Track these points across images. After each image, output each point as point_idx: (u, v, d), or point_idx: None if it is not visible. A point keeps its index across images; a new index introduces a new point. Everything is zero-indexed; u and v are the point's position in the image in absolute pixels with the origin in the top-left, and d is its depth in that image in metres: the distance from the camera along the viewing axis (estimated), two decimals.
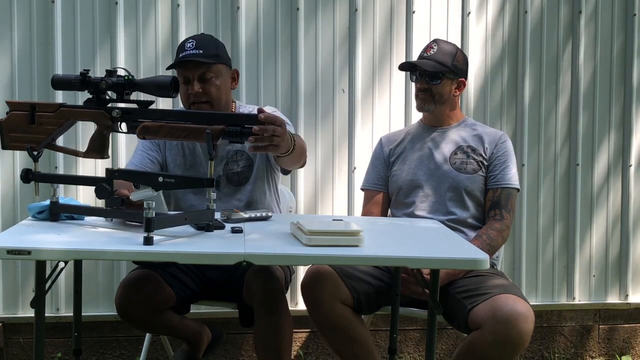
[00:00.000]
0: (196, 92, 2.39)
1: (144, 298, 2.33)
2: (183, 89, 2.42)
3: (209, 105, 2.41)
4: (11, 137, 1.98)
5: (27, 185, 2.96)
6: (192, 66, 2.38)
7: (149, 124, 1.92)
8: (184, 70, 2.41)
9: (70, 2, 2.97)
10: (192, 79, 2.40)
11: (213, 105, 2.41)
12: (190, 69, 2.39)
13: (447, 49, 2.59)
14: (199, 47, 2.39)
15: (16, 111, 1.98)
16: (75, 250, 1.70)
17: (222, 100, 2.44)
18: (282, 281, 2.37)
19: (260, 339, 2.30)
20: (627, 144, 3.38)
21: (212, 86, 2.41)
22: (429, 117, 2.68)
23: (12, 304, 3.03)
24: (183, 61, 2.39)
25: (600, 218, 3.39)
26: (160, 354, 3.12)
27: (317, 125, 3.17)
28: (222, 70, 2.44)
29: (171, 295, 2.40)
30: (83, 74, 1.94)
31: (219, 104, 2.43)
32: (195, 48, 2.39)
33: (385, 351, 2.97)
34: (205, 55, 2.38)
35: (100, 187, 1.92)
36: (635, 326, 3.50)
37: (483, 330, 2.14)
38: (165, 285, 2.39)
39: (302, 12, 3.12)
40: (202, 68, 2.39)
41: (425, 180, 2.59)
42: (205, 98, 2.40)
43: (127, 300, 2.32)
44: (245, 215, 2.14)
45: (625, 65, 3.37)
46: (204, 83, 2.40)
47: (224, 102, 2.46)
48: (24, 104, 1.99)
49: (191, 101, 2.41)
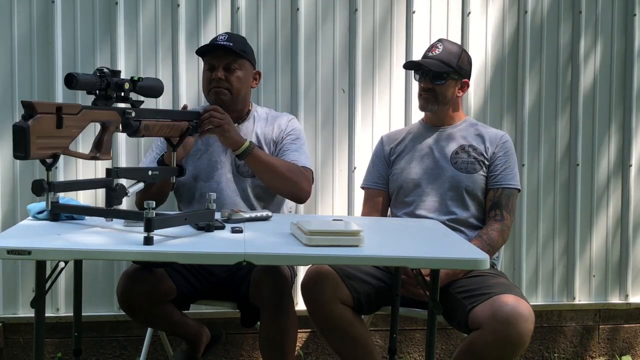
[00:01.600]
0: (219, 78, 2.51)
1: (146, 289, 2.35)
2: (206, 75, 2.55)
3: (228, 93, 2.53)
4: (38, 144, 1.70)
5: (27, 185, 2.98)
6: (221, 54, 2.52)
7: (150, 123, 1.99)
8: (211, 58, 2.55)
9: (70, 2, 2.97)
10: (217, 66, 2.52)
11: (232, 93, 2.54)
12: (218, 56, 2.53)
13: (452, 49, 2.59)
14: (230, 40, 2.54)
15: (44, 114, 1.72)
16: (75, 250, 1.70)
17: (241, 92, 2.57)
18: (290, 280, 2.39)
19: (266, 338, 2.31)
20: (627, 145, 3.38)
21: (235, 77, 2.53)
22: (430, 117, 2.68)
23: (12, 304, 3.03)
24: (212, 48, 2.53)
25: (600, 218, 3.39)
26: (160, 354, 3.12)
27: (317, 125, 3.17)
28: (246, 66, 2.58)
29: (172, 288, 2.42)
30: (102, 75, 1.88)
31: (237, 94, 2.55)
32: (227, 40, 2.54)
33: (385, 351, 2.97)
34: (235, 48, 2.52)
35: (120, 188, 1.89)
36: (635, 326, 3.50)
37: (483, 330, 2.14)
38: (168, 279, 2.41)
39: (302, 12, 3.12)
40: (229, 58, 2.52)
41: (425, 180, 2.59)
42: (226, 86, 2.52)
43: (129, 291, 2.34)
44: (245, 215, 2.14)
45: (626, 65, 3.37)
46: (228, 72, 2.53)
47: (242, 96, 2.59)
48: (49, 105, 1.75)
49: (212, 86, 2.53)
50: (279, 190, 2.53)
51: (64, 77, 1.80)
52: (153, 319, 2.47)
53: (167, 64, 3.05)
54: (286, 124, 2.63)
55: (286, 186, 2.47)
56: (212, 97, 2.53)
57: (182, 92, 3.05)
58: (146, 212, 1.68)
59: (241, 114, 2.62)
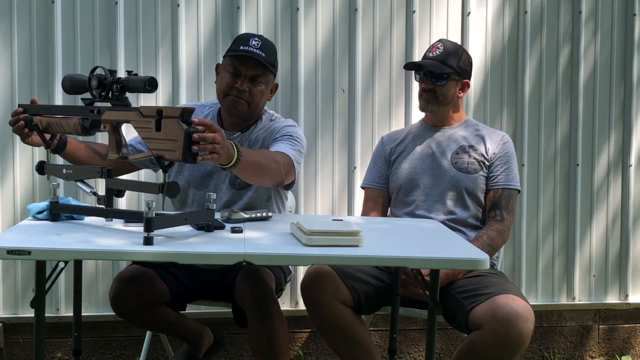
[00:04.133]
0: (243, 90, 2.37)
1: (138, 292, 2.33)
2: (228, 78, 2.39)
3: (247, 105, 2.40)
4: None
5: (27, 185, 2.98)
6: (252, 64, 2.37)
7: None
8: (239, 63, 2.38)
9: (70, 2, 2.97)
10: (243, 76, 2.38)
11: (250, 107, 2.41)
12: (247, 65, 2.38)
13: (452, 50, 2.58)
14: (263, 50, 2.38)
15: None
16: (75, 250, 1.70)
17: (259, 106, 2.45)
18: (272, 284, 2.35)
19: (255, 346, 2.29)
20: (627, 144, 3.38)
21: (258, 91, 2.40)
22: (431, 117, 2.68)
23: (12, 304, 3.03)
24: (244, 56, 2.37)
25: (600, 218, 3.39)
26: (160, 354, 3.12)
27: (317, 125, 3.17)
28: (270, 80, 2.45)
29: (165, 291, 2.40)
30: (100, 77, 1.88)
31: (255, 108, 2.43)
32: (260, 49, 2.38)
33: (385, 351, 2.97)
34: (267, 61, 2.38)
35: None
36: (635, 326, 3.50)
37: (483, 330, 2.14)
38: (160, 281, 2.39)
39: (302, 12, 3.12)
40: (258, 70, 2.39)
41: (426, 180, 2.59)
42: (247, 99, 2.39)
43: (121, 295, 2.33)
44: (245, 215, 2.14)
45: (625, 65, 3.36)
46: (253, 84, 2.39)
47: (259, 109, 2.47)
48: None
49: (232, 93, 2.39)
50: (263, 184, 2.40)
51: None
52: (147, 321, 2.46)
53: (167, 64, 3.04)
54: (281, 126, 2.48)
55: (270, 180, 2.31)
56: (229, 103, 2.41)
57: (182, 92, 3.05)
58: (146, 212, 1.68)
59: (249, 123, 2.51)
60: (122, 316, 2.42)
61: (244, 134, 2.50)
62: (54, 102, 2.95)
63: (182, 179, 2.52)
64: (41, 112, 2.07)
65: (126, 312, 2.38)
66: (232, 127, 2.50)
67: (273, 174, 2.25)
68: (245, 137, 2.50)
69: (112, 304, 2.36)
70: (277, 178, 2.29)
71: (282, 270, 2.56)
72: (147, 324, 2.51)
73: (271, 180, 2.30)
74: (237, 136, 2.48)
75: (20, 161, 2.97)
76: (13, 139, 2.93)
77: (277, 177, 2.28)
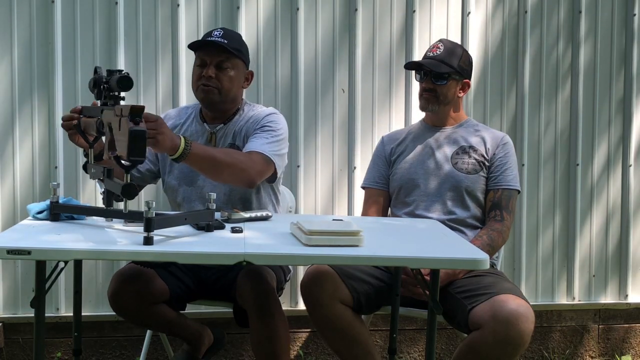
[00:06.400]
0: (209, 76, 2.41)
1: (136, 290, 2.33)
2: (196, 71, 2.46)
3: (217, 92, 2.43)
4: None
5: (27, 185, 2.98)
6: (213, 51, 2.42)
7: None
8: (203, 54, 2.45)
9: (70, 2, 2.97)
10: (208, 63, 2.43)
11: (221, 94, 2.44)
12: (210, 53, 2.43)
13: (453, 50, 2.58)
14: (225, 37, 2.44)
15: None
16: (75, 250, 1.70)
17: (231, 93, 2.47)
18: (273, 283, 2.35)
19: (256, 345, 2.29)
20: (626, 144, 3.38)
21: (226, 76, 2.44)
22: (431, 117, 2.68)
23: (12, 304, 3.03)
24: (205, 44, 2.43)
25: (599, 218, 3.39)
26: (160, 354, 3.12)
27: (317, 125, 3.17)
28: (239, 65, 2.48)
29: (164, 289, 2.40)
30: (96, 78, 1.89)
31: (227, 95, 2.46)
32: (222, 37, 2.43)
33: (385, 351, 2.97)
34: (229, 46, 2.42)
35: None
36: (634, 326, 3.50)
37: (483, 330, 2.14)
38: (159, 279, 2.39)
39: (302, 12, 3.12)
40: (221, 56, 2.42)
41: (426, 180, 2.59)
42: (216, 85, 2.43)
43: (119, 293, 2.33)
44: (245, 215, 2.14)
45: (625, 65, 3.36)
46: (220, 71, 2.43)
47: (232, 96, 2.49)
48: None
49: (201, 83, 2.43)
50: (226, 181, 2.37)
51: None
52: (146, 319, 2.45)
53: (167, 64, 3.05)
54: (262, 116, 2.47)
55: (231, 177, 2.30)
56: (200, 95, 2.45)
57: (182, 92, 3.05)
58: (146, 212, 1.68)
59: (228, 114, 2.52)
60: (121, 314, 2.42)
61: (226, 125, 2.51)
62: (53, 101, 2.96)
63: (173, 178, 2.53)
64: (93, 114, 2.03)
65: (125, 310, 2.38)
66: (214, 121, 2.54)
67: (235, 171, 2.26)
68: (229, 128, 2.51)
69: (111, 302, 2.36)
70: (241, 176, 2.29)
71: (282, 269, 2.56)
72: (146, 322, 2.51)
73: (232, 177, 2.30)
74: (220, 128, 2.50)
75: (21, 161, 2.97)
76: (13, 139, 2.93)
77: (242, 176, 2.29)
